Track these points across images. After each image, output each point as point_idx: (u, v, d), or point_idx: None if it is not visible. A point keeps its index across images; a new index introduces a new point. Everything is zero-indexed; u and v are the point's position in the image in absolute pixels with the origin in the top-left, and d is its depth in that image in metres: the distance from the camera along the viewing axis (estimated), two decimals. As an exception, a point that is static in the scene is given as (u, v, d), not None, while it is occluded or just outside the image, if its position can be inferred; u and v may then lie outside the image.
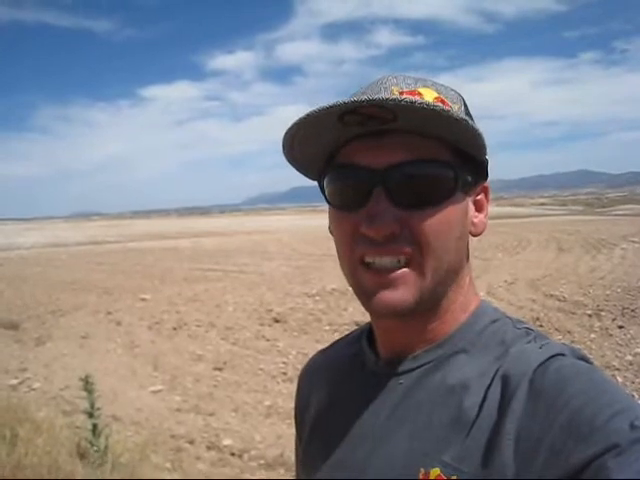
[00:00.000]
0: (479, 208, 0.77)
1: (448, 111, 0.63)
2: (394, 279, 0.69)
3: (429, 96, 0.70)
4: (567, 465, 0.56)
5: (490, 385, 0.67)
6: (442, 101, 0.70)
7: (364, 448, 0.75)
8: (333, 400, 0.86)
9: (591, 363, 0.68)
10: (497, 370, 0.68)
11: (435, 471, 0.65)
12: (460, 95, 0.76)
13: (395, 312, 0.70)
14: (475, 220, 0.77)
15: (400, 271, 0.69)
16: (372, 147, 0.69)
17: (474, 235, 0.77)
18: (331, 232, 0.79)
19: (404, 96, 0.67)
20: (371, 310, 0.73)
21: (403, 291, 0.69)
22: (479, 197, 0.77)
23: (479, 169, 0.75)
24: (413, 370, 0.75)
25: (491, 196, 0.80)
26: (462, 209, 0.73)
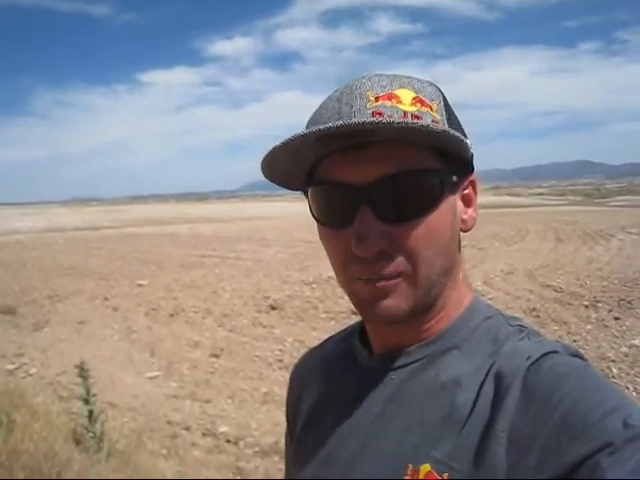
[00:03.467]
0: (467, 203, 0.76)
1: (428, 126, 0.62)
2: (388, 288, 0.69)
3: (406, 98, 0.68)
4: (560, 463, 0.56)
5: (483, 382, 0.67)
6: (420, 101, 0.68)
7: (354, 443, 0.75)
8: (325, 397, 0.86)
9: (585, 360, 0.68)
10: (490, 367, 0.68)
11: (425, 467, 0.65)
12: (439, 90, 0.74)
13: (391, 320, 0.70)
14: (464, 217, 0.76)
15: (393, 281, 0.69)
16: (353, 162, 0.68)
17: (464, 231, 0.76)
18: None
19: (380, 102, 0.67)
20: (368, 319, 0.74)
21: (398, 299, 0.69)
22: (467, 191, 0.76)
23: (464, 165, 0.73)
24: (406, 366, 0.75)
25: (479, 187, 0.78)
26: (451, 210, 0.72)
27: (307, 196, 0.76)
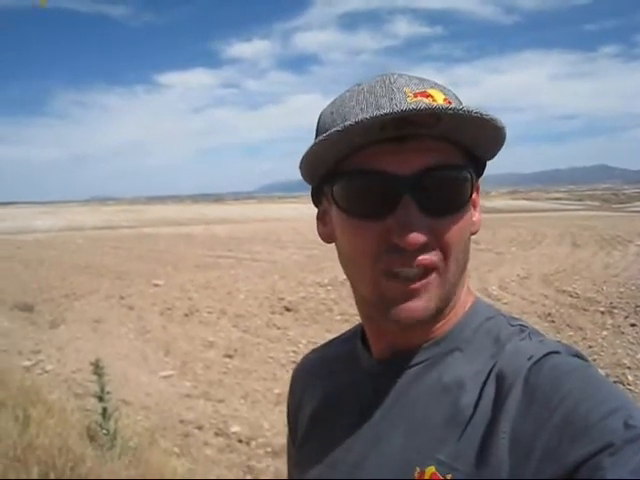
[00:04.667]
0: (474, 206, 0.77)
1: (496, 120, 0.64)
2: (419, 288, 0.68)
3: (439, 98, 0.68)
4: (562, 464, 0.56)
5: (485, 383, 0.67)
6: (449, 102, 0.69)
7: (360, 447, 0.75)
8: (328, 399, 0.85)
9: (586, 360, 0.68)
10: (492, 368, 0.68)
11: (430, 469, 0.65)
12: (456, 94, 0.74)
13: (417, 321, 0.69)
14: (474, 219, 0.76)
15: (425, 280, 0.68)
16: (394, 152, 0.67)
17: (473, 234, 0.77)
18: (322, 237, 0.80)
19: (418, 98, 0.66)
20: (392, 320, 0.70)
21: (427, 299, 0.69)
22: (473, 195, 0.76)
23: (481, 168, 0.75)
24: (409, 368, 0.75)
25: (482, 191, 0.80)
26: (470, 210, 0.73)
27: (321, 192, 0.76)
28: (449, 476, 0.64)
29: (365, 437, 0.75)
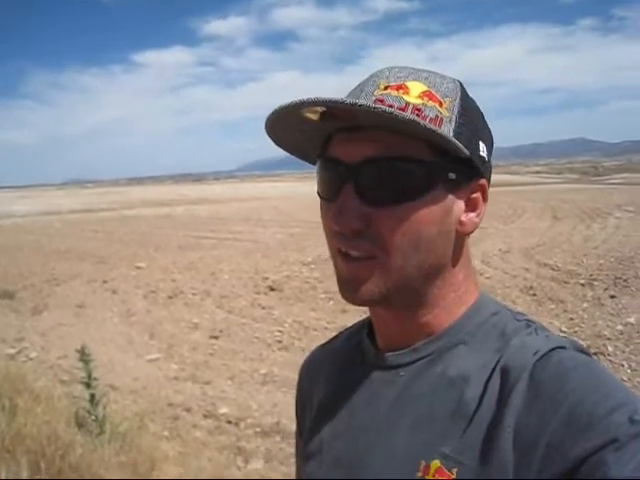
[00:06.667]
0: (472, 207, 0.75)
1: (397, 116, 0.62)
2: (362, 269, 0.71)
3: (415, 90, 0.69)
4: (566, 459, 0.56)
5: (490, 377, 0.68)
6: (429, 95, 0.69)
7: (365, 441, 0.76)
8: (334, 393, 0.86)
9: (591, 356, 0.68)
10: (497, 362, 0.68)
11: (435, 463, 0.66)
12: (459, 89, 0.73)
13: (361, 301, 0.72)
14: (463, 219, 0.74)
15: (367, 264, 0.70)
16: (346, 141, 0.71)
17: (462, 234, 0.75)
18: None
19: (387, 91, 0.69)
20: (343, 297, 0.75)
21: (369, 282, 0.71)
22: (474, 195, 0.75)
23: (468, 166, 0.72)
24: (413, 362, 0.75)
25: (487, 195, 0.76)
26: (442, 207, 0.70)
27: None
28: (454, 470, 0.64)
29: (370, 431, 0.76)
